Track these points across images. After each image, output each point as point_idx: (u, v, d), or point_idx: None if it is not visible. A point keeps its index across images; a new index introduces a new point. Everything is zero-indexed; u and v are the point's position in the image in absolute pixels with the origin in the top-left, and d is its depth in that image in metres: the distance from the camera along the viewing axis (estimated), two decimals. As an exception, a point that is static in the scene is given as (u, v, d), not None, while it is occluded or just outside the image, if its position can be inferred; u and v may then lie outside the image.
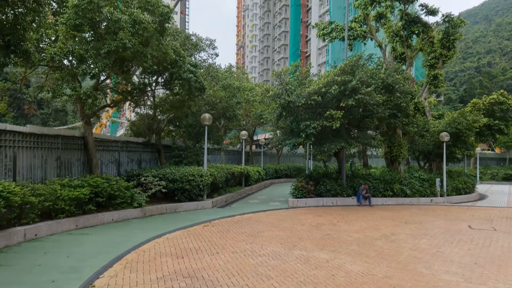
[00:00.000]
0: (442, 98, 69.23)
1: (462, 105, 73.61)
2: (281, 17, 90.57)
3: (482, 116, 30.47)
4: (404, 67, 26.82)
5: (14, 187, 9.88)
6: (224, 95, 26.48)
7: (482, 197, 27.24)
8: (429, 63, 26.72)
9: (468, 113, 27.60)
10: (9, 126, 11.92)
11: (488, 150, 64.78)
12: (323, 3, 75.78)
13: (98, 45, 12.11)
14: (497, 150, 62.65)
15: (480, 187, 34.30)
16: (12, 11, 7.64)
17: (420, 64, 30.78)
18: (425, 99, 27.70)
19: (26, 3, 7.45)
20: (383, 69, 22.42)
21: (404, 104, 21.46)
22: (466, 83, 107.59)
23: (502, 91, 37.49)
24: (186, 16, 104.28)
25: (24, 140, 12.54)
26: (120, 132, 67.72)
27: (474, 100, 37.76)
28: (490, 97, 36.37)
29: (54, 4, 12.73)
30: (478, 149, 45.04)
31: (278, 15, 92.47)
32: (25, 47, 8.18)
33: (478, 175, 44.32)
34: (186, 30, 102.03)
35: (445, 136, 23.76)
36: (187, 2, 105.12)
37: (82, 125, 15.51)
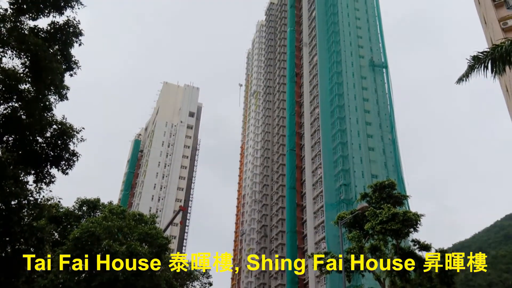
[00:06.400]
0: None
1: None
2: (277, 243, 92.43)
3: None
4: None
5: None
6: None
7: None
8: (431, 300, 25.64)
9: None
10: None
11: None
12: (318, 231, 78.42)
13: (90, 277, 11.85)
14: None
15: None
16: (11, 248, 7.79)
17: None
18: None
19: (29, 241, 7.68)
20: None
21: None
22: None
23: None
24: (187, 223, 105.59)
25: None
26: None
27: None
28: None
29: (56, 234, 13.13)
30: None
31: (275, 233, 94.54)
32: (16, 284, 7.96)
33: None
34: (184, 244, 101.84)
35: None
36: (189, 208, 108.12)
37: None
